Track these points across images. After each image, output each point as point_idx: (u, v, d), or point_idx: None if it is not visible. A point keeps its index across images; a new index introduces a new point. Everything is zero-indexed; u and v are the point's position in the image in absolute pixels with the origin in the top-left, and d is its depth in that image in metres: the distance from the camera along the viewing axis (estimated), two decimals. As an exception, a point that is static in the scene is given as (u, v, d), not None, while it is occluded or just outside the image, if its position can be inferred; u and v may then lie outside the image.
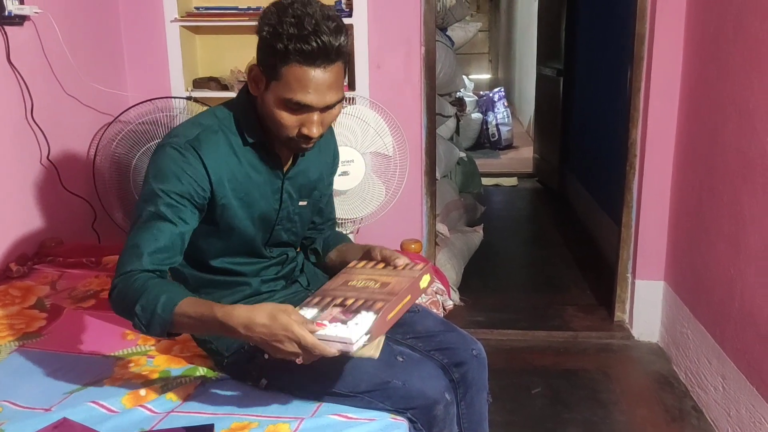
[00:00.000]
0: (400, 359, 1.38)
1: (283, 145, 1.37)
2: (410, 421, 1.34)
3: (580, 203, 4.66)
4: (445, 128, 3.80)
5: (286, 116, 1.28)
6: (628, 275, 2.87)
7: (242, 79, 2.73)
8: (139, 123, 2.44)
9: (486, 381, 1.56)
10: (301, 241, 1.61)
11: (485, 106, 7.13)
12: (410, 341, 1.51)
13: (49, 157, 2.30)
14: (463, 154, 4.11)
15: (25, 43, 2.18)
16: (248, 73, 1.32)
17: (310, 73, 1.22)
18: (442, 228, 3.23)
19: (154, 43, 2.80)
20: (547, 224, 4.69)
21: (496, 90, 7.32)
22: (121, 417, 1.33)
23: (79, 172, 2.49)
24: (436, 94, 2.94)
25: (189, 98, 2.63)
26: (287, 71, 1.23)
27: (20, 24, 2.15)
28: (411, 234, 2.77)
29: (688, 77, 2.51)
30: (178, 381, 1.45)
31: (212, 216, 1.36)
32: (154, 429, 1.30)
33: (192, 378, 1.47)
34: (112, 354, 1.60)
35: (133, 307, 1.22)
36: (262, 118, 1.35)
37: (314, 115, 1.28)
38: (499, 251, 4.01)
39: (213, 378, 1.48)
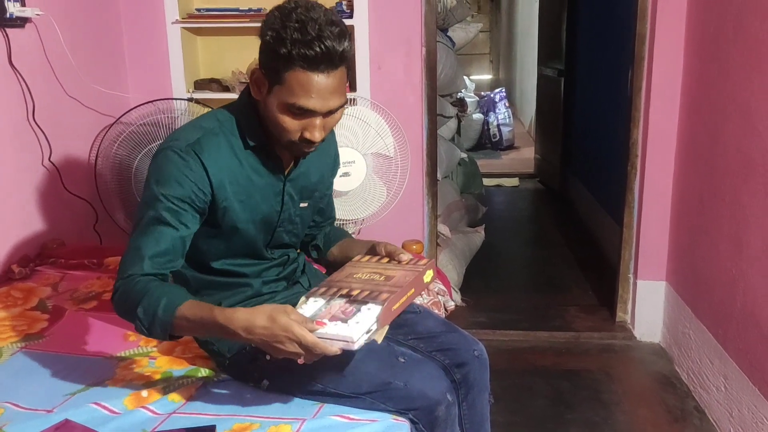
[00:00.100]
0: (402, 360, 1.38)
1: (284, 149, 1.38)
2: (412, 422, 1.34)
3: (582, 203, 4.65)
4: (447, 129, 3.80)
5: (289, 120, 1.28)
6: (630, 275, 2.87)
7: (243, 81, 2.73)
8: (141, 124, 2.44)
9: (488, 382, 1.56)
10: (302, 239, 1.62)
11: (486, 106, 7.13)
12: (412, 342, 1.51)
13: (51, 159, 2.30)
14: (464, 155, 4.11)
15: (26, 44, 2.18)
16: (250, 76, 1.31)
17: (313, 78, 1.22)
18: (443, 229, 3.23)
19: (156, 45, 2.80)
20: (549, 225, 4.69)
21: (497, 90, 7.32)
22: (123, 418, 1.33)
23: (81, 173, 2.50)
24: (437, 94, 2.94)
25: (190, 100, 2.63)
26: (290, 76, 1.22)
27: (21, 26, 2.15)
28: (412, 235, 2.77)
29: (688, 77, 2.51)
30: (180, 382, 1.46)
31: (214, 219, 1.36)
32: (156, 430, 1.30)
33: (194, 379, 1.47)
34: (114, 355, 1.60)
35: (135, 311, 1.23)
36: (263, 121, 1.35)
37: (317, 120, 1.28)
38: (500, 252, 4.01)
39: (215, 379, 1.48)
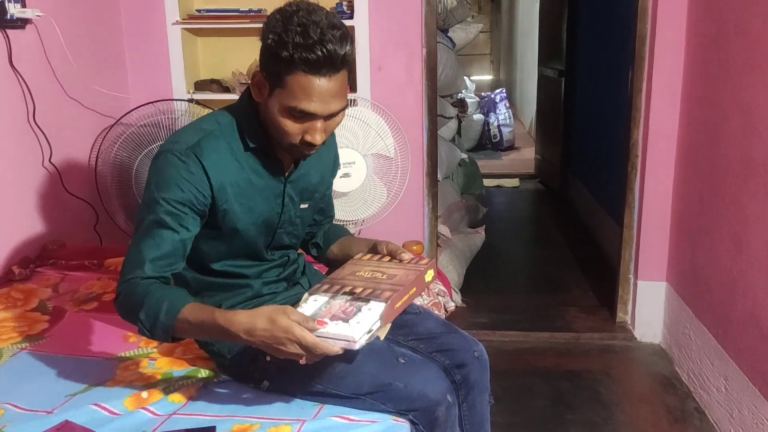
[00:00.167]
0: (402, 361, 1.38)
1: (285, 151, 1.38)
2: (412, 422, 1.34)
3: (582, 204, 4.65)
4: (447, 129, 3.80)
5: (290, 124, 1.28)
6: (630, 276, 2.87)
7: (244, 82, 2.73)
8: (141, 125, 2.45)
9: (488, 382, 1.56)
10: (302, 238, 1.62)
11: (487, 107, 7.13)
12: (412, 343, 1.51)
13: (51, 160, 2.30)
14: (464, 156, 4.11)
15: (27, 46, 2.19)
16: (251, 78, 1.31)
17: (314, 81, 1.22)
18: (443, 229, 3.23)
19: (156, 46, 2.81)
20: (549, 225, 4.69)
21: (497, 91, 7.31)
22: (123, 419, 1.33)
23: (81, 174, 2.50)
24: (438, 95, 2.94)
25: (191, 100, 2.64)
26: (292, 80, 1.22)
27: (22, 27, 2.16)
28: (413, 235, 2.77)
29: (689, 77, 2.51)
30: (181, 383, 1.46)
31: (214, 221, 1.37)
32: (157, 431, 1.30)
33: (194, 380, 1.48)
34: (115, 356, 1.60)
35: (138, 314, 1.24)
36: (264, 123, 1.35)
37: (318, 123, 1.28)
38: (500, 252, 4.01)
39: (215, 380, 1.48)
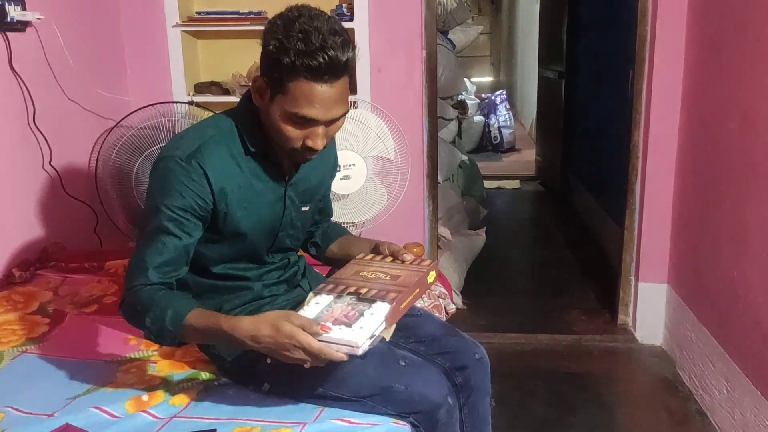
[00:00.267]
0: (403, 363, 1.38)
1: (286, 155, 1.38)
2: (413, 425, 1.34)
3: (583, 206, 4.65)
4: (447, 131, 3.79)
5: (291, 129, 1.28)
6: (631, 278, 2.86)
7: (244, 84, 2.73)
8: (141, 128, 2.45)
9: (489, 385, 1.56)
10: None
11: (487, 108, 7.13)
12: (412, 345, 1.51)
13: (51, 163, 2.30)
14: (465, 157, 4.11)
15: (27, 48, 2.19)
16: (252, 83, 1.31)
17: (316, 88, 1.22)
18: (444, 231, 3.23)
19: (156, 48, 2.81)
20: (550, 227, 4.69)
21: (497, 93, 7.31)
22: (123, 422, 1.33)
23: (81, 177, 2.50)
24: (438, 97, 2.94)
25: (191, 103, 2.64)
26: (294, 86, 1.22)
27: (22, 30, 2.16)
28: (413, 237, 2.77)
29: (689, 79, 2.51)
30: (181, 386, 1.46)
31: (216, 225, 1.37)
32: (157, 434, 1.30)
33: (195, 383, 1.47)
34: (115, 359, 1.60)
35: (144, 321, 1.27)
36: (264, 127, 1.35)
37: (319, 129, 1.29)
38: (501, 254, 4.01)
39: (216, 383, 1.48)
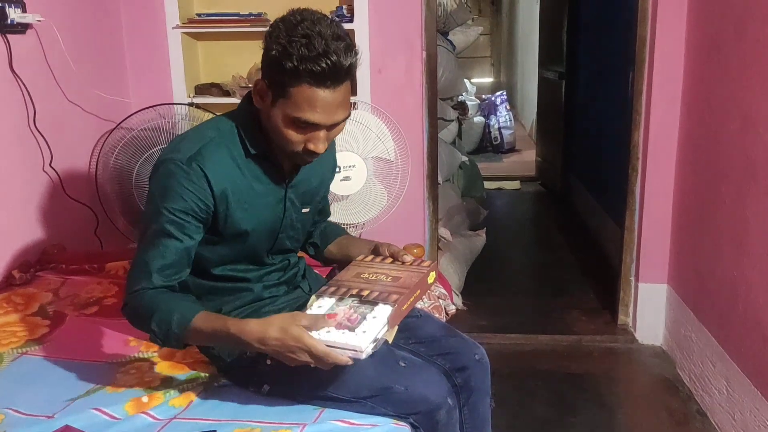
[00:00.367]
0: (402, 364, 1.38)
1: (286, 158, 1.39)
2: (413, 426, 1.34)
3: (583, 206, 4.65)
4: (447, 132, 3.80)
5: (293, 133, 1.29)
6: (632, 278, 2.86)
7: (244, 85, 2.74)
8: (142, 129, 2.45)
9: (489, 385, 1.56)
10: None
11: (487, 109, 7.13)
12: (412, 346, 1.51)
13: (52, 164, 2.30)
14: (465, 158, 4.11)
15: (27, 51, 2.19)
16: (254, 86, 1.32)
17: (319, 93, 1.23)
18: (444, 232, 3.23)
19: (156, 50, 2.81)
20: (550, 227, 4.69)
21: (498, 93, 7.31)
22: (123, 424, 1.33)
23: (82, 178, 2.50)
24: (438, 98, 2.94)
25: (191, 104, 2.64)
26: (296, 91, 1.23)
27: (23, 32, 2.16)
28: (413, 238, 2.77)
29: (689, 79, 2.51)
30: (181, 387, 1.46)
31: (216, 227, 1.37)
32: (157, 436, 1.30)
33: (194, 384, 1.48)
34: (115, 361, 1.60)
35: (149, 324, 1.28)
36: (265, 130, 1.35)
37: (321, 133, 1.29)
38: (501, 255, 4.01)
39: (215, 384, 1.48)
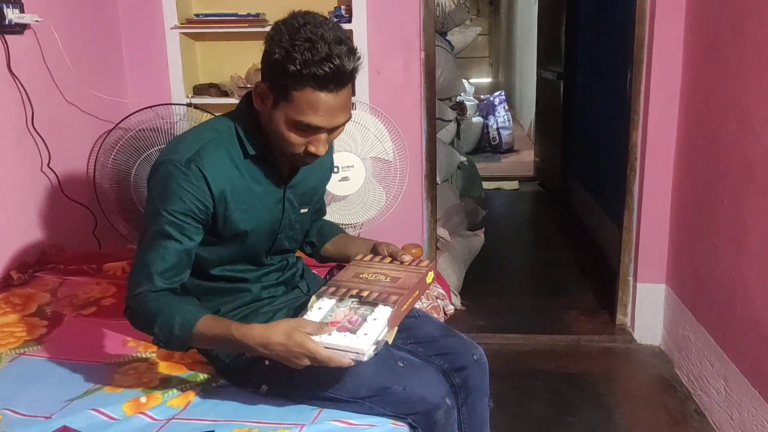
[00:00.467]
0: (401, 364, 1.38)
1: (286, 159, 1.39)
2: (411, 426, 1.34)
3: (582, 206, 4.65)
4: (446, 132, 3.80)
5: (294, 136, 1.29)
6: (630, 278, 2.86)
7: (242, 86, 2.74)
8: (140, 130, 2.45)
9: (487, 386, 1.56)
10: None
11: (486, 109, 7.13)
12: (411, 346, 1.51)
13: (50, 165, 2.30)
14: (463, 158, 4.11)
15: (25, 51, 2.19)
16: (254, 88, 1.31)
17: (321, 97, 1.23)
18: (443, 232, 3.23)
19: (154, 50, 2.81)
20: (549, 227, 4.69)
21: (496, 94, 7.32)
22: (121, 424, 1.33)
23: (80, 179, 2.50)
24: (437, 98, 2.95)
25: (189, 105, 2.64)
26: (299, 95, 1.23)
27: (20, 32, 2.16)
28: (412, 238, 2.77)
29: (687, 80, 2.51)
30: (179, 387, 1.46)
31: (215, 228, 1.37)
32: (155, 436, 1.30)
33: (193, 384, 1.48)
34: (113, 361, 1.60)
35: (152, 328, 1.28)
36: (264, 131, 1.36)
37: (322, 135, 1.30)
38: (500, 255, 4.01)
39: (214, 384, 1.48)
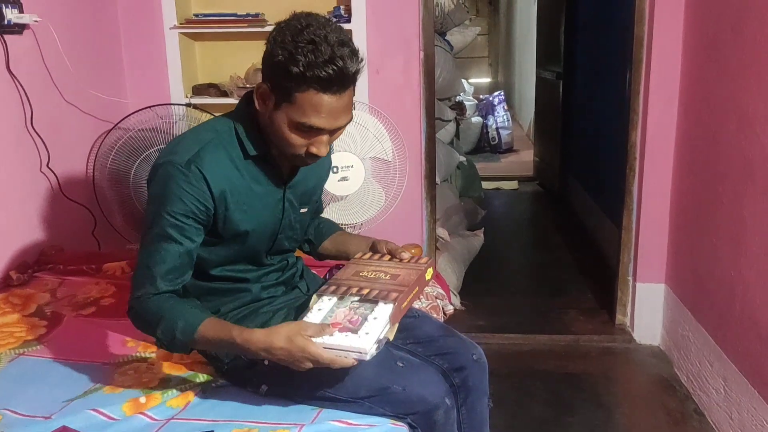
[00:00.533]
0: (400, 364, 1.38)
1: (286, 160, 1.39)
2: (411, 426, 1.34)
3: (581, 206, 4.65)
4: (445, 132, 3.80)
5: (296, 137, 1.29)
6: (629, 278, 2.86)
7: (241, 86, 2.73)
8: (139, 130, 2.45)
9: (487, 386, 1.56)
10: None
11: (485, 109, 7.13)
12: (410, 346, 1.51)
13: (49, 165, 2.30)
14: (463, 158, 4.11)
15: (24, 51, 2.19)
16: (255, 89, 1.31)
17: (324, 98, 1.24)
18: (442, 232, 3.23)
19: (154, 50, 2.81)
20: (548, 227, 4.69)
21: (495, 93, 7.32)
22: (121, 424, 1.33)
23: (79, 179, 2.50)
24: (436, 98, 2.94)
25: (188, 105, 2.64)
26: (302, 97, 1.23)
27: (19, 33, 2.16)
28: (411, 238, 2.77)
29: (687, 79, 2.51)
30: (179, 388, 1.46)
31: (216, 229, 1.37)
32: (154, 436, 1.30)
33: (192, 384, 1.48)
34: (113, 361, 1.60)
35: (155, 330, 1.29)
36: (264, 131, 1.36)
37: (324, 137, 1.31)
38: (499, 255, 4.01)
39: (213, 384, 1.48)
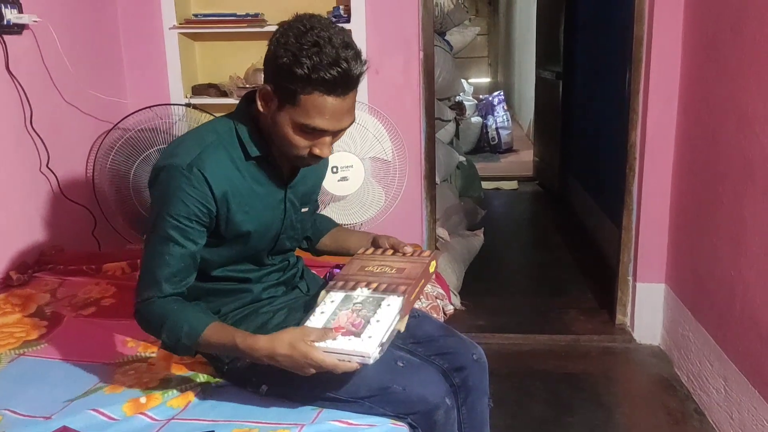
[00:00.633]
0: (401, 364, 1.38)
1: (288, 161, 1.39)
2: (411, 426, 1.34)
3: (581, 206, 4.65)
4: (445, 132, 3.80)
5: (300, 139, 1.30)
6: (629, 278, 2.86)
7: (241, 86, 2.74)
8: (139, 130, 2.45)
9: (487, 385, 1.56)
10: None
11: (485, 109, 7.14)
12: (410, 346, 1.51)
13: (49, 165, 2.30)
14: (462, 158, 4.11)
15: (24, 51, 2.19)
16: (258, 91, 1.31)
17: (329, 101, 1.24)
18: (442, 232, 3.23)
19: (153, 51, 2.81)
20: (548, 227, 4.69)
21: (495, 93, 7.32)
22: (121, 425, 1.33)
23: (79, 179, 2.50)
24: (435, 98, 2.95)
25: (188, 105, 2.64)
26: (306, 99, 1.24)
27: (19, 33, 2.16)
28: (411, 238, 2.77)
29: (686, 79, 2.51)
30: (179, 388, 1.46)
31: (218, 230, 1.37)
32: (155, 436, 1.30)
33: (192, 385, 1.47)
34: (113, 361, 1.60)
35: (159, 333, 1.31)
36: (266, 132, 1.36)
37: (327, 138, 1.31)
38: (499, 255, 4.01)
39: (213, 385, 1.48)
